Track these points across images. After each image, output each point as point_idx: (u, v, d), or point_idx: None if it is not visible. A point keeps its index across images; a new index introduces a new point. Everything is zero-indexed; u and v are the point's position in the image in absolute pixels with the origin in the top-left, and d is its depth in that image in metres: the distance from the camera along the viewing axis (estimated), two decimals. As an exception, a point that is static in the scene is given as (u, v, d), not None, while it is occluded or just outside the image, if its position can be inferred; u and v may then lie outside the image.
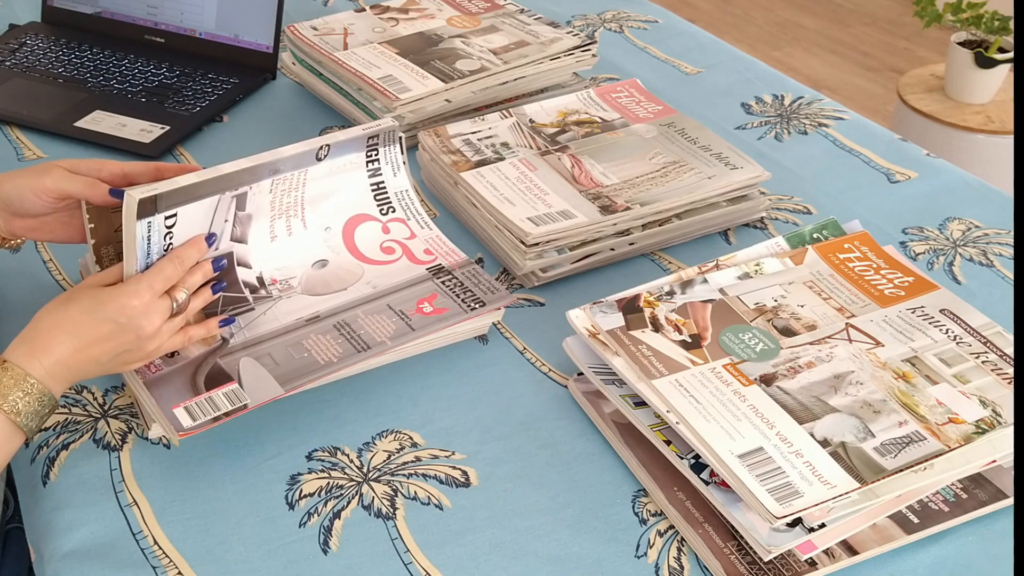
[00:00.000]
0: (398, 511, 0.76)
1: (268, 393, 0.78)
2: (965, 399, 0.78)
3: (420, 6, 1.35)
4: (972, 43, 2.34)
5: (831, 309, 0.87)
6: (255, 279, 0.87)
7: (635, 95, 1.20)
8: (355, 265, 0.91)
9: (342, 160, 0.91)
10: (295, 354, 0.82)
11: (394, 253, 0.93)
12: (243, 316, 0.85)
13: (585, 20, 1.53)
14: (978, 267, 1.02)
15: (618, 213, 0.98)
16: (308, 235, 0.90)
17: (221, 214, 0.83)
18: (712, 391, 0.77)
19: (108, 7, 1.38)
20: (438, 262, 0.92)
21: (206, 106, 1.25)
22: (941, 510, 0.74)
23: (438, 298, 0.88)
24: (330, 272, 0.90)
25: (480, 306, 0.88)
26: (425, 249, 0.94)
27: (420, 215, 0.96)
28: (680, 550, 0.73)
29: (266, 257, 0.87)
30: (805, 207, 1.11)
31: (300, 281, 0.88)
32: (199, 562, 0.72)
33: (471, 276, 0.91)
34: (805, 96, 1.33)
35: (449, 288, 0.89)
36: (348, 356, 0.82)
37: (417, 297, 0.88)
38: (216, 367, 0.80)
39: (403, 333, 0.84)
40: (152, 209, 0.77)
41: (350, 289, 0.88)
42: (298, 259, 0.89)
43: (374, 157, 0.94)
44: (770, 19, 3.56)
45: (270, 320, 0.85)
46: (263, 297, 0.86)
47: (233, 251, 0.85)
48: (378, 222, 0.94)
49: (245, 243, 0.86)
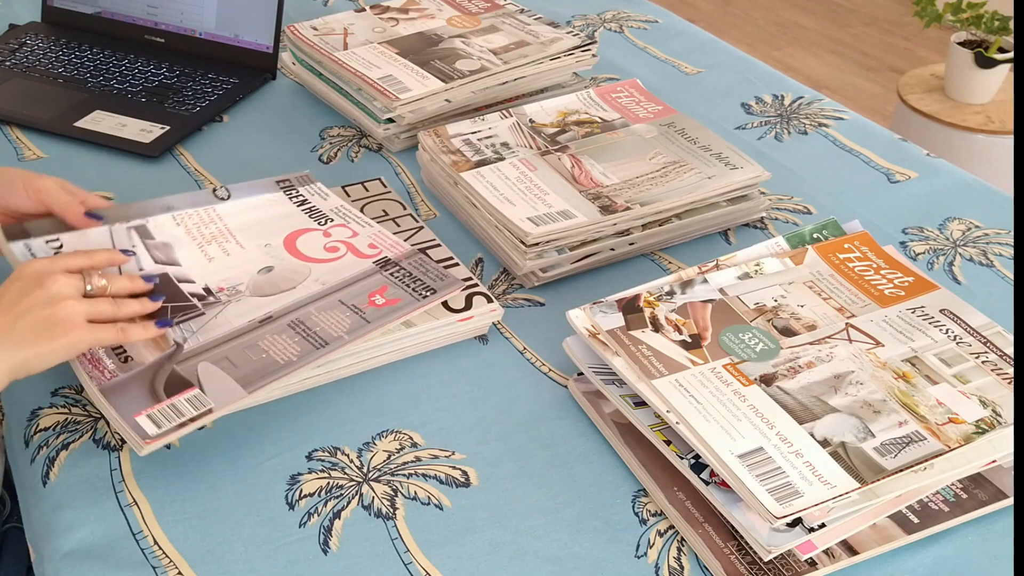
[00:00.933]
0: (398, 511, 0.76)
1: (231, 396, 0.77)
2: (965, 399, 0.78)
3: (420, 6, 1.35)
4: (972, 43, 2.34)
5: (831, 309, 0.87)
6: (201, 290, 0.86)
7: (635, 95, 1.20)
8: (301, 266, 0.90)
9: (256, 199, 0.96)
10: (253, 356, 0.80)
11: (338, 251, 0.93)
12: (195, 321, 0.83)
13: (585, 20, 1.53)
14: (978, 267, 1.02)
15: (618, 213, 0.98)
16: (247, 252, 0.91)
17: (120, 243, 0.89)
18: (712, 391, 0.77)
19: (108, 7, 1.38)
20: (383, 255, 0.92)
21: (206, 106, 1.25)
22: (941, 510, 0.74)
23: (389, 289, 0.88)
24: (276, 275, 0.89)
25: (431, 293, 0.87)
26: (369, 243, 0.94)
27: (359, 217, 0.97)
28: (680, 550, 0.73)
29: (208, 273, 0.88)
30: (805, 207, 1.11)
31: (247, 286, 0.88)
32: (199, 562, 0.72)
33: (418, 265, 0.91)
34: (805, 96, 1.33)
35: (398, 279, 0.89)
36: (307, 354, 0.81)
37: (368, 290, 0.88)
38: (174, 374, 0.78)
39: (359, 326, 0.83)
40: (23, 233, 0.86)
41: (299, 288, 0.88)
42: (243, 269, 0.89)
43: (294, 195, 0.99)
44: (770, 19, 3.56)
45: (222, 323, 0.83)
46: (212, 303, 0.85)
47: (168, 272, 0.87)
48: (317, 231, 0.95)
49: (178, 264, 0.88)
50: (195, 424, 0.75)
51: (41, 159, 1.17)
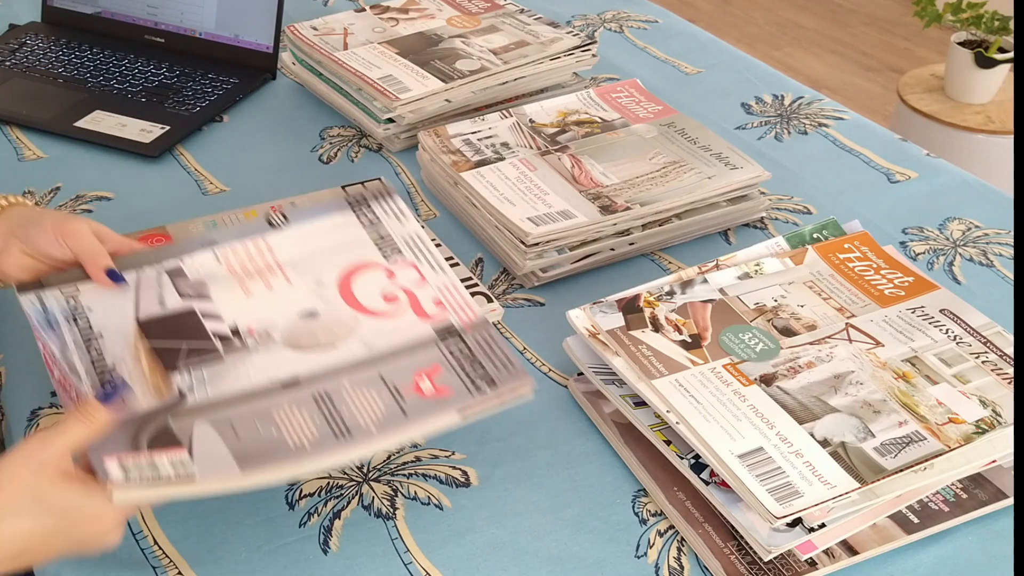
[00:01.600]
0: (398, 511, 0.76)
1: (220, 470, 0.65)
2: (965, 399, 0.78)
3: (420, 6, 1.35)
4: (972, 43, 2.34)
5: (831, 309, 0.87)
6: (228, 329, 0.75)
7: (635, 95, 1.20)
8: (349, 316, 0.78)
9: (318, 224, 0.83)
10: (261, 428, 0.68)
11: (397, 302, 0.79)
12: (209, 367, 0.72)
13: (585, 20, 1.53)
14: (978, 267, 1.02)
15: (618, 213, 0.98)
16: (293, 289, 0.79)
17: (148, 283, 0.77)
18: (712, 391, 0.77)
19: (108, 7, 1.38)
20: (448, 319, 0.78)
21: (206, 106, 1.25)
22: (941, 510, 0.74)
23: (441, 372, 0.73)
24: (318, 324, 0.77)
25: (490, 387, 0.72)
26: (435, 299, 0.79)
27: (433, 257, 0.83)
28: (680, 550, 0.73)
29: (242, 310, 0.76)
30: (805, 207, 1.11)
31: (282, 331, 0.75)
32: (199, 562, 0.72)
33: (484, 343, 0.76)
34: (805, 96, 1.33)
35: (455, 359, 0.74)
36: (324, 442, 0.67)
37: (416, 368, 0.73)
38: (165, 428, 0.67)
39: (393, 420, 0.69)
40: (37, 286, 0.76)
41: (339, 346, 0.75)
42: (283, 309, 0.77)
43: (368, 214, 0.85)
44: (770, 19, 3.56)
45: (240, 376, 0.72)
46: (235, 348, 0.74)
47: (193, 306, 0.76)
48: (381, 268, 0.82)
49: (208, 299, 0.77)
50: (171, 490, 0.65)
51: (41, 159, 1.17)
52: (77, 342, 0.72)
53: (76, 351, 0.71)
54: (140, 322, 0.74)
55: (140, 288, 0.77)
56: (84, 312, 0.75)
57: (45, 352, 0.71)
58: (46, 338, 0.72)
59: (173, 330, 0.74)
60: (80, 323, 0.74)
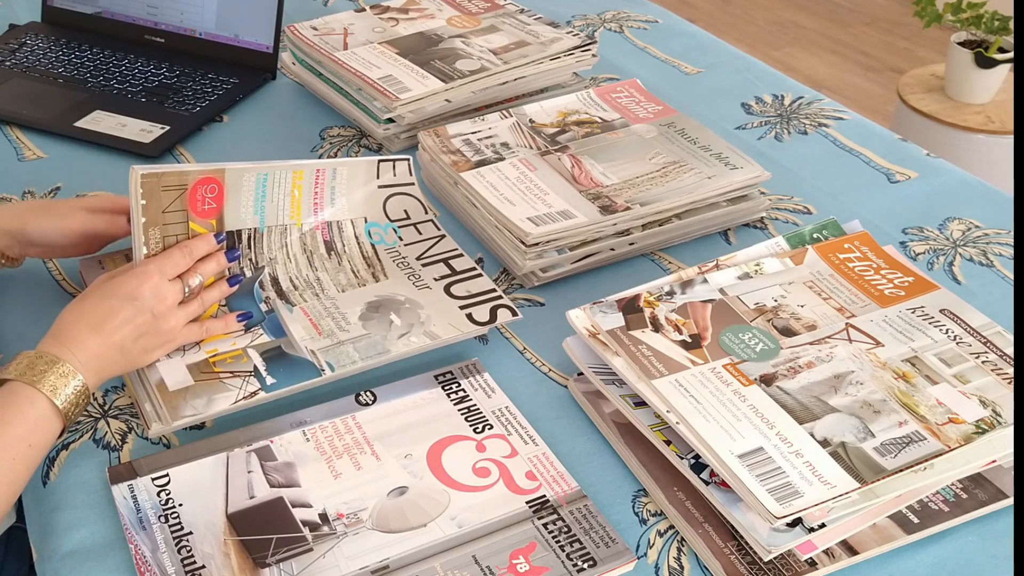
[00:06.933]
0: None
1: None
2: (965, 399, 0.78)
3: (420, 6, 1.35)
4: (972, 43, 2.34)
5: (831, 309, 0.87)
6: (317, 516, 0.74)
7: (635, 95, 1.20)
8: (440, 492, 0.76)
9: (406, 399, 0.83)
10: None
11: (489, 476, 0.77)
12: (298, 559, 0.70)
13: (585, 20, 1.53)
14: (978, 267, 1.02)
15: (618, 213, 0.98)
16: (382, 465, 0.78)
17: (237, 468, 0.77)
18: (712, 391, 0.77)
19: (108, 7, 1.38)
20: (542, 492, 0.76)
21: (206, 106, 1.25)
22: (941, 510, 0.74)
23: (537, 551, 0.71)
24: (408, 502, 0.75)
25: (590, 567, 0.70)
26: (527, 472, 0.77)
27: (524, 429, 0.82)
28: (680, 550, 0.73)
29: (330, 494, 0.75)
30: (805, 207, 1.11)
31: (372, 513, 0.74)
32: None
33: (582, 518, 0.74)
34: (805, 96, 1.33)
35: (553, 536, 0.72)
36: None
37: (512, 547, 0.71)
38: None
39: None
40: (130, 474, 0.76)
41: (430, 526, 0.73)
42: (371, 488, 0.76)
43: (456, 390, 0.85)
44: (770, 19, 3.56)
45: (329, 566, 0.70)
46: (325, 535, 0.72)
47: (282, 495, 0.75)
48: (471, 440, 0.80)
49: (296, 485, 0.76)
50: None
51: (41, 159, 1.17)
52: (168, 542, 0.71)
53: (167, 552, 0.70)
54: (229, 516, 0.73)
55: (230, 476, 0.76)
56: (175, 507, 0.74)
57: (136, 554, 0.70)
58: (138, 540, 0.71)
59: (262, 522, 0.73)
60: (171, 520, 0.72)
